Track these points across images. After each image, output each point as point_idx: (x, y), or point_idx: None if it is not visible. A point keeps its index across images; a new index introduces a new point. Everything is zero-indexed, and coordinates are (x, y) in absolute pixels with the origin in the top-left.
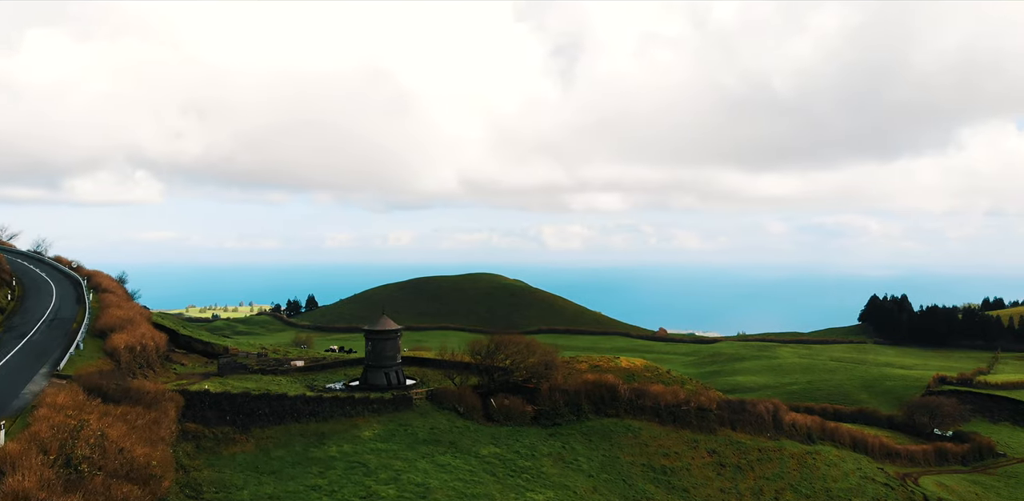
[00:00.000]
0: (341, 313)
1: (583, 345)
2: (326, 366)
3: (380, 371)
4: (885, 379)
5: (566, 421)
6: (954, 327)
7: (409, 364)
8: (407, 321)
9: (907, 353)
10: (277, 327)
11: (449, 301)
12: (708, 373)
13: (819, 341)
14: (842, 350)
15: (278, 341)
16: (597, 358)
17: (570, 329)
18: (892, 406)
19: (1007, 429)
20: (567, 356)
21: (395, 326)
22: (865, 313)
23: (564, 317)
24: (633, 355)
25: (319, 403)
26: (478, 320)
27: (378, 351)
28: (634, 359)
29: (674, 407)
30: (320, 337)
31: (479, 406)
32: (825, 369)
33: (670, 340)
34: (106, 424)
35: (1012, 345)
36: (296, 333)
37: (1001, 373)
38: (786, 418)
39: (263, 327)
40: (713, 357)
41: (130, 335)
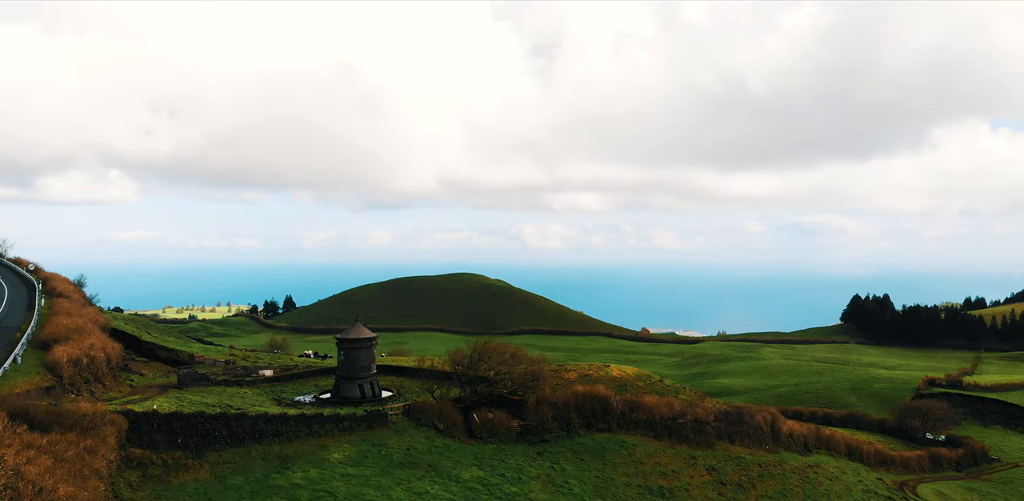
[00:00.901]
0: (319, 314)
1: (566, 346)
2: (296, 376)
3: (354, 383)
4: (873, 381)
5: (555, 437)
6: (937, 327)
7: (386, 373)
8: (387, 322)
9: (891, 353)
10: (254, 328)
11: (430, 302)
12: (693, 375)
13: (802, 341)
14: (825, 350)
15: (254, 343)
16: (586, 366)
17: (553, 330)
18: (882, 409)
19: (998, 432)
20: (554, 363)
21: (369, 333)
22: (847, 313)
23: (547, 317)
24: (616, 356)
25: (283, 422)
26: (460, 321)
27: (351, 361)
28: (625, 367)
29: (670, 420)
30: (297, 339)
31: (460, 422)
32: (811, 371)
33: (653, 340)
34: (26, 458)
35: (995, 345)
36: (272, 335)
37: (986, 373)
38: (783, 428)
39: (239, 329)
40: (697, 358)
41: (76, 346)
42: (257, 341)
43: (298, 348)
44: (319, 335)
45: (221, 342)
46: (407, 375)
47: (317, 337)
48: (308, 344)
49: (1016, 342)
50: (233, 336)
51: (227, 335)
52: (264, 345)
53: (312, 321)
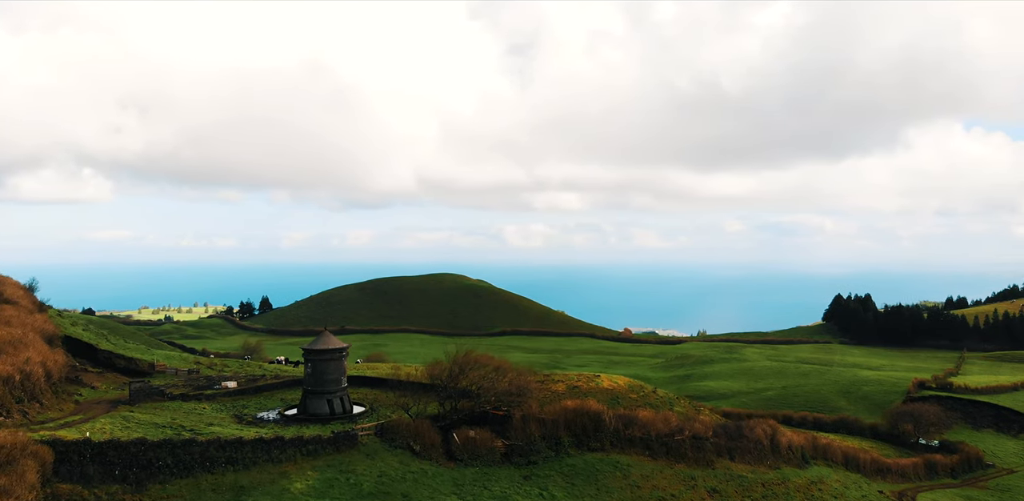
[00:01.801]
0: (296, 315)
1: (548, 347)
2: (261, 389)
3: (322, 398)
4: (862, 384)
5: (543, 458)
6: (919, 327)
7: (359, 385)
8: (366, 324)
9: (874, 353)
10: (228, 330)
11: (410, 303)
12: (678, 378)
13: (784, 341)
14: (809, 350)
15: (228, 345)
16: (575, 377)
17: (535, 330)
18: (872, 413)
19: (991, 436)
20: (541, 373)
21: (339, 344)
22: (830, 313)
23: (529, 318)
24: (599, 358)
25: (239, 447)
26: (441, 322)
27: (319, 374)
28: (616, 377)
29: (667, 437)
30: (273, 341)
31: (439, 442)
32: (798, 373)
33: (635, 341)
34: None
35: (977, 345)
36: (246, 338)
37: (970, 374)
38: (783, 441)
39: (214, 331)
40: (681, 359)
41: (7, 361)
42: (231, 344)
43: (272, 351)
44: (296, 337)
45: (194, 345)
46: (382, 386)
47: (293, 339)
48: (283, 347)
49: (998, 342)
50: (207, 338)
51: (201, 337)
52: (238, 348)
53: (289, 323)
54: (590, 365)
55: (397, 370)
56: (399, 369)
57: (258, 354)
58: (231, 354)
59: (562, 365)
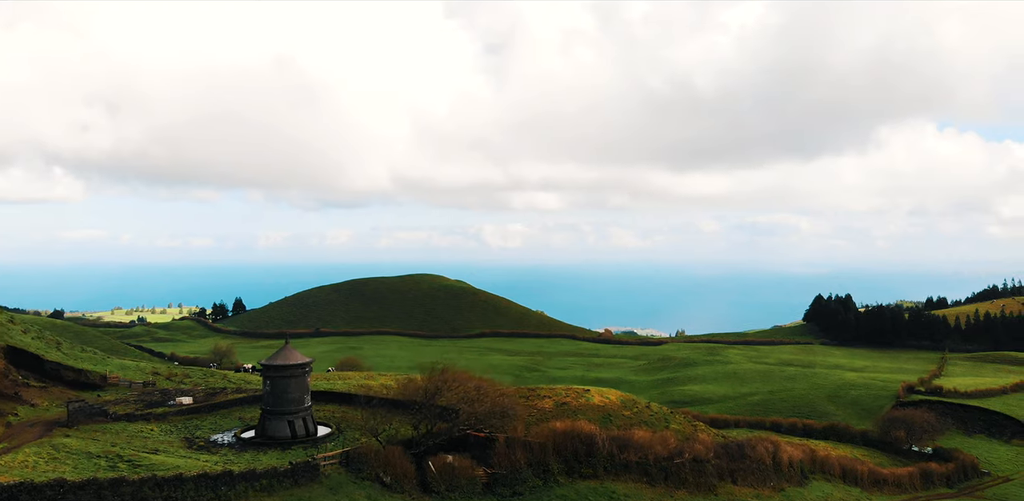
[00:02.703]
0: (271, 317)
1: (528, 349)
2: (218, 406)
3: (282, 419)
4: (849, 388)
5: (530, 488)
6: (901, 327)
7: (325, 401)
8: (342, 326)
9: (856, 354)
10: (201, 333)
11: (388, 304)
12: (661, 381)
13: (765, 342)
14: (790, 351)
15: (199, 349)
16: (563, 392)
17: (515, 332)
18: (862, 418)
19: (983, 442)
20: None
21: (302, 359)
22: (810, 313)
23: (508, 319)
24: (579, 360)
25: (178, 485)
26: (419, 324)
27: (279, 392)
28: (608, 392)
29: (665, 460)
30: (246, 344)
31: (412, 472)
32: (783, 376)
33: (616, 342)
34: None
35: (959, 345)
36: (218, 340)
37: (953, 375)
38: (784, 457)
39: (185, 333)
40: (663, 362)
41: None
42: (203, 347)
43: (245, 355)
44: (270, 340)
45: (164, 348)
46: (352, 403)
47: (267, 341)
48: (257, 350)
49: (980, 343)
50: (179, 341)
51: (173, 340)
52: (208, 352)
53: (263, 325)
54: (571, 368)
55: (370, 379)
56: (372, 379)
57: (228, 358)
58: (200, 359)
59: (543, 368)
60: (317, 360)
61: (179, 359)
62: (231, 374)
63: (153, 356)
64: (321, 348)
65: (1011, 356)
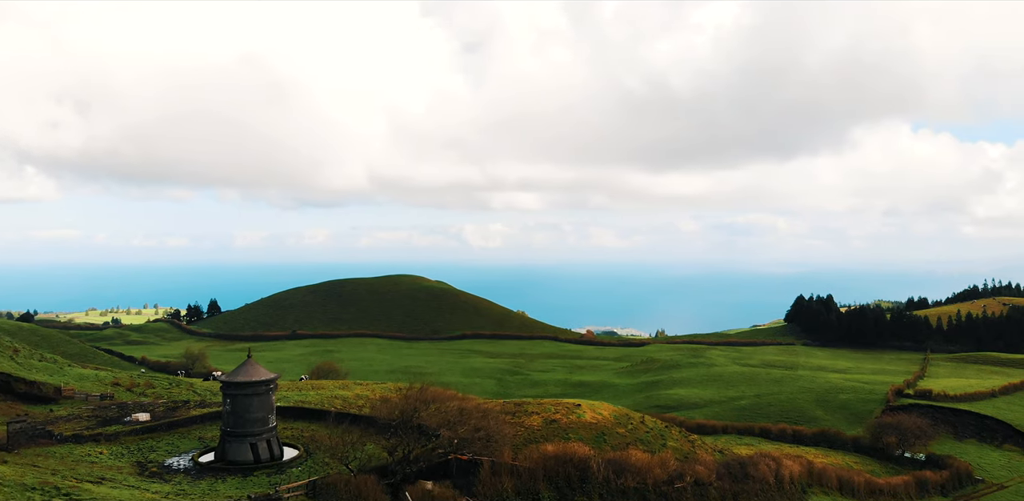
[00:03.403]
0: (246, 319)
1: (510, 351)
2: (177, 424)
3: (244, 441)
4: (838, 391)
5: None
6: (883, 328)
7: (294, 417)
8: (320, 328)
9: (838, 355)
10: (174, 335)
11: (367, 305)
12: (646, 385)
13: (748, 343)
14: (773, 352)
15: (171, 352)
16: (552, 407)
17: (496, 333)
18: (851, 423)
19: (974, 447)
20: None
21: (266, 374)
22: (792, 313)
23: (490, 320)
24: (562, 362)
25: None
26: (398, 326)
27: (241, 412)
28: (599, 406)
29: (665, 485)
30: (220, 347)
31: None
32: (769, 379)
33: (598, 343)
34: None
35: (941, 346)
36: (192, 343)
37: (936, 376)
38: (785, 474)
39: (159, 336)
40: (646, 364)
41: None
42: (176, 350)
43: (218, 359)
44: (245, 342)
45: (136, 352)
46: (323, 420)
47: (243, 344)
48: (231, 353)
49: (961, 343)
50: (151, 344)
51: (145, 343)
52: (180, 355)
53: (238, 327)
54: (554, 370)
55: (345, 389)
56: (347, 388)
57: (201, 363)
58: (171, 364)
59: (525, 370)
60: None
61: (149, 364)
62: (199, 383)
63: (123, 360)
64: (297, 351)
65: (993, 357)
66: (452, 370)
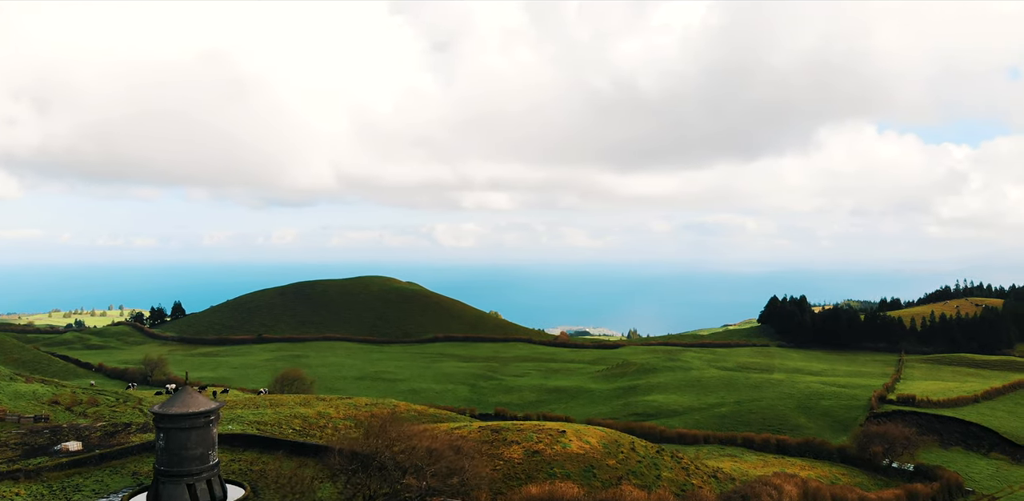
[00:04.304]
0: (211, 322)
1: (484, 354)
2: (109, 456)
3: (180, 483)
4: (819, 397)
5: None
6: (857, 329)
7: (244, 446)
8: (287, 331)
9: (813, 357)
10: (136, 339)
11: (336, 308)
12: (623, 390)
13: (722, 344)
14: (748, 354)
15: (132, 358)
16: (534, 435)
17: (469, 336)
18: (835, 431)
19: (961, 456)
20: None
21: (206, 404)
22: (765, 314)
23: (463, 323)
24: (537, 365)
25: None
26: (368, 329)
27: (176, 449)
28: (586, 432)
29: None
30: (184, 352)
31: None
32: (749, 385)
33: (573, 345)
34: None
35: (915, 347)
36: (154, 348)
37: (912, 379)
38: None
39: (120, 340)
40: (622, 368)
41: None
42: (138, 355)
43: (181, 365)
44: (210, 346)
45: (94, 358)
46: (276, 449)
47: (207, 348)
48: (194, 358)
49: (935, 344)
50: (112, 349)
51: (106, 347)
52: (139, 362)
53: (203, 330)
54: (529, 374)
55: (307, 406)
56: (309, 404)
57: (160, 370)
58: (129, 371)
59: (499, 375)
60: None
61: (107, 371)
62: (149, 398)
63: (79, 367)
64: (263, 356)
65: (968, 358)
66: (423, 375)
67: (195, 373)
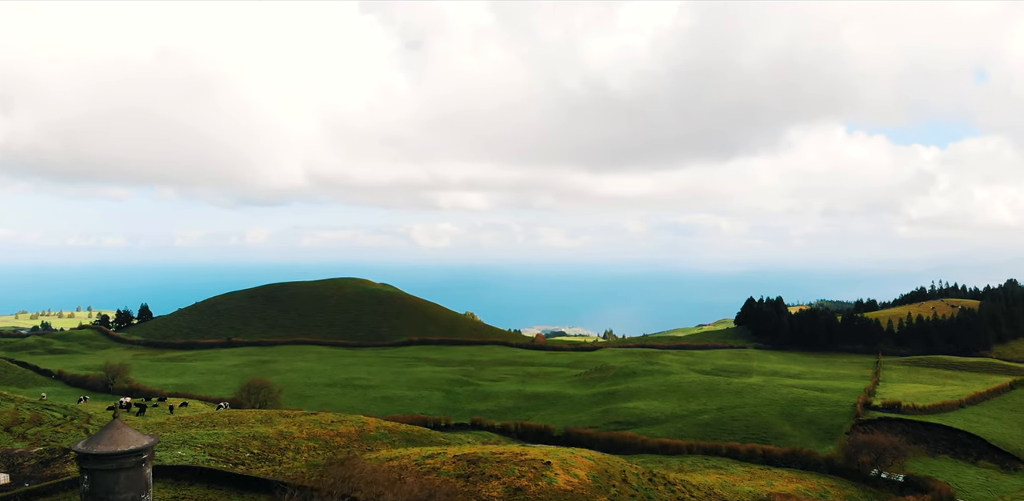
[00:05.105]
0: (179, 326)
1: (459, 358)
2: (35, 494)
3: None
4: (803, 403)
5: None
6: (834, 331)
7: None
8: (256, 335)
9: (791, 359)
10: (101, 343)
11: (307, 311)
12: (602, 396)
13: (699, 346)
14: (726, 356)
15: (95, 363)
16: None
17: (445, 339)
18: (821, 439)
19: (949, 464)
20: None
21: (138, 441)
22: (742, 316)
23: (439, 325)
24: (514, 369)
25: None
26: (340, 332)
27: (102, 493)
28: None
29: None
30: (150, 356)
31: None
32: (730, 390)
33: (550, 348)
34: None
35: (892, 349)
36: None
37: (890, 381)
38: None
39: (84, 344)
40: (601, 372)
41: None
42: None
43: (145, 372)
44: (177, 351)
45: (55, 364)
46: (225, 485)
47: (174, 353)
48: (160, 364)
49: (912, 346)
50: (76, 353)
51: (69, 352)
52: (100, 368)
53: (170, 334)
54: (506, 379)
55: (268, 424)
56: (271, 422)
57: (122, 377)
58: (90, 378)
59: (475, 380)
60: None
61: (66, 378)
62: (99, 414)
63: (38, 374)
64: (231, 361)
65: (946, 360)
66: (397, 381)
67: (160, 380)
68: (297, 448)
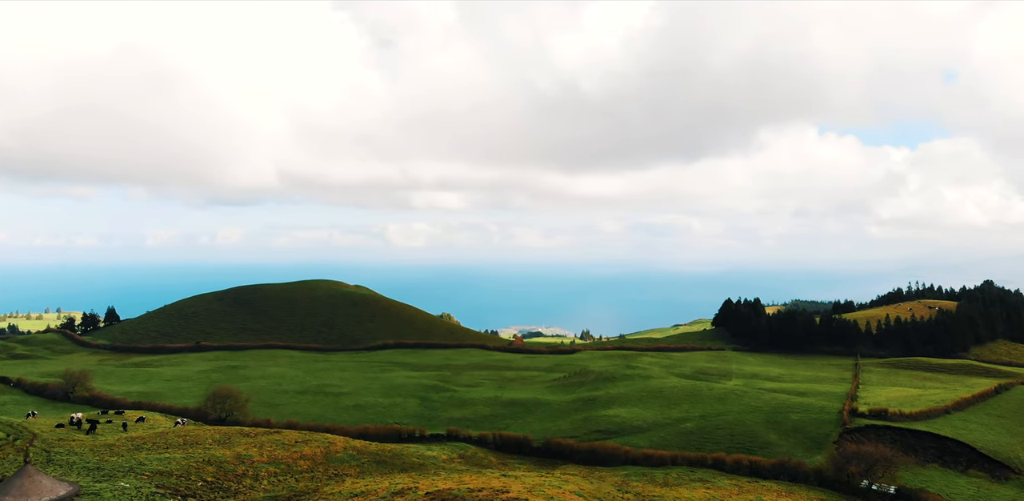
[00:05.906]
0: (146, 330)
1: (435, 362)
2: None
3: None
4: (788, 410)
5: None
6: (812, 332)
7: None
8: (227, 339)
9: (770, 361)
10: (66, 347)
11: (279, 314)
12: (582, 402)
13: (678, 348)
14: (704, 359)
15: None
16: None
17: (420, 343)
18: (808, 448)
19: (938, 473)
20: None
21: (52, 493)
22: (720, 317)
23: (414, 328)
24: (491, 373)
25: None
26: (313, 336)
27: None
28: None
29: None
30: (116, 361)
31: None
32: (713, 396)
33: (528, 351)
34: None
35: (871, 351)
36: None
37: (870, 384)
38: None
39: (49, 348)
40: (580, 376)
41: None
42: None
43: (109, 379)
44: (144, 355)
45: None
46: None
47: (140, 358)
48: (125, 369)
49: (891, 348)
50: (38, 358)
51: (32, 357)
52: (60, 375)
53: (137, 338)
54: (482, 384)
55: (226, 446)
56: (229, 444)
57: (83, 385)
58: (50, 386)
59: (452, 386)
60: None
61: (26, 386)
62: (44, 435)
63: None
64: (199, 367)
65: (924, 362)
66: (370, 388)
67: (124, 387)
68: (256, 474)
